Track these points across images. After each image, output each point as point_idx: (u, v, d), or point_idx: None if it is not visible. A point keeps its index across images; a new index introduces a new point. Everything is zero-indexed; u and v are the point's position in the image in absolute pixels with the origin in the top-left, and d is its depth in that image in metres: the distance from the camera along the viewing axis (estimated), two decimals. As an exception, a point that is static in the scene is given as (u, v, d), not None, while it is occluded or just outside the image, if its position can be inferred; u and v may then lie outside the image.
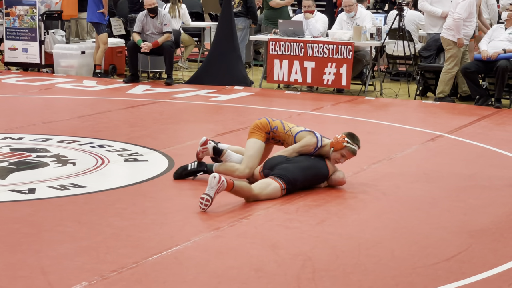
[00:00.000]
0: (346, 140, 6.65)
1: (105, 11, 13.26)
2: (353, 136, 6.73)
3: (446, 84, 11.60)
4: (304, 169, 6.56)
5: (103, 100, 11.33)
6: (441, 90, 11.63)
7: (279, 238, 5.44)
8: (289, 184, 6.40)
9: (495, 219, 6.02)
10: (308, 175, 6.58)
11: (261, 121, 6.88)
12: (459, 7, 11.37)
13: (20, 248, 5.09)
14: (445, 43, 11.62)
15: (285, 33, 12.54)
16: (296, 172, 6.49)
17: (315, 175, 6.65)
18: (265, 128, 6.82)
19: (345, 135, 6.70)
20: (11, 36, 14.06)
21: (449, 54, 11.54)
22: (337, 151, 6.66)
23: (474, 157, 8.17)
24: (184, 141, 8.50)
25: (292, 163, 6.56)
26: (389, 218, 6.01)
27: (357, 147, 6.74)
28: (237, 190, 6.14)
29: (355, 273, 4.82)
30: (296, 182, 6.46)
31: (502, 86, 11.18)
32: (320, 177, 6.69)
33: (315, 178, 6.67)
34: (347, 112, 10.93)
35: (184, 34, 14.70)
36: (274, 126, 6.84)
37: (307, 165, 6.60)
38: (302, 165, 6.58)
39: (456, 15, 11.36)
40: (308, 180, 6.60)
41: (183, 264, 4.89)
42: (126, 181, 6.93)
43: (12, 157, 7.52)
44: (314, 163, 6.66)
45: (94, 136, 8.58)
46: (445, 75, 11.58)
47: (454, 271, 4.88)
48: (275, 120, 6.92)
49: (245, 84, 12.85)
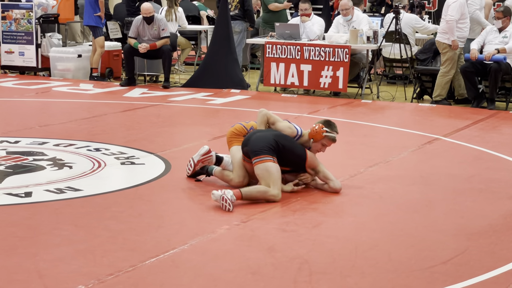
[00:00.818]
0: (324, 129, 6.62)
1: (102, 15, 13.26)
2: (330, 124, 6.69)
3: (443, 87, 11.62)
4: (278, 136, 6.51)
5: (99, 103, 11.32)
6: (438, 93, 11.65)
7: (276, 241, 5.44)
8: (271, 152, 6.37)
9: (492, 222, 6.02)
10: (283, 142, 6.47)
11: (235, 127, 6.88)
12: (451, 9, 11.39)
13: (17, 251, 5.08)
14: (440, 46, 11.64)
15: (281, 36, 12.55)
16: (269, 136, 6.46)
17: (291, 148, 6.52)
18: (242, 132, 6.83)
19: (322, 124, 6.65)
20: (7, 40, 14.06)
21: (445, 57, 11.56)
22: (317, 141, 6.62)
23: (470, 160, 8.17)
24: (180, 144, 8.50)
25: (266, 131, 6.56)
26: (386, 221, 6.01)
27: (336, 133, 6.70)
28: (248, 197, 6.24)
29: (352, 276, 4.82)
30: (277, 146, 6.40)
31: (495, 87, 11.20)
32: (296, 155, 6.55)
33: (291, 152, 6.52)
34: (344, 115, 10.93)
35: (181, 37, 14.71)
36: (249, 127, 6.85)
37: (282, 135, 6.55)
38: (276, 133, 6.55)
39: (448, 17, 11.38)
40: (286, 149, 6.47)
41: (180, 267, 4.89)
42: (122, 185, 6.93)
43: (9, 161, 7.51)
44: (292, 140, 6.59)
45: (91, 140, 8.57)
46: (442, 78, 11.60)
47: (451, 274, 4.88)
48: (249, 122, 6.93)
49: (242, 87, 12.86)
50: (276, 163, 6.36)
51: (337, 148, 8.12)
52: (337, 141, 6.80)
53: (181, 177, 7.07)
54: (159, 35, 12.81)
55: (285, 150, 6.49)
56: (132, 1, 14.88)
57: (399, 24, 12.23)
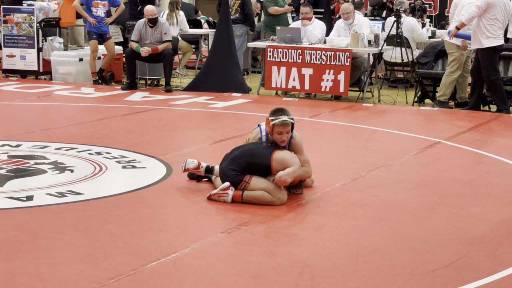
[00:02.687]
0: (270, 119, 6.47)
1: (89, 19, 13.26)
2: (274, 111, 6.51)
3: (447, 87, 11.61)
4: (236, 156, 6.47)
5: (101, 107, 11.33)
6: (442, 93, 11.64)
7: (277, 245, 5.43)
8: (242, 171, 6.37)
9: (493, 226, 6.01)
10: (243, 160, 6.41)
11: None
12: (465, 10, 11.32)
13: (18, 255, 5.08)
14: (448, 47, 11.64)
15: (283, 40, 12.56)
16: (229, 162, 6.46)
17: (252, 162, 6.41)
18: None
19: (268, 115, 6.52)
20: (9, 43, 14.08)
21: (452, 57, 11.56)
22: (271, 133, 6.51)
23: (472, 164, 8.17)
24: (182, 148, 8.50)
25: (236, 151, 6.56)
26: (387, 225, 6.00)
27: (283, 116, 6.43)
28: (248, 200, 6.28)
29: (354, 280, 4.81)
30: (241, 166, 6.38)
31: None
32: (256, 164, 6.40)
33: (253, 164, 6.41)
34: (345, 118, 10.94)
35: (182, 41, 14.72)
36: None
37: (239, 153, 6.50)
38: (234, 154, 6.51)
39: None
40: (249, 165, 6.40)
41: (181, 271, 4.89)
42: (124, 188, 6.93)
43: (10, 164, 7.51)
44: (256, 147, 6.50)
45: (92, 143, 8.58)
46: (447, 77, 11.59)
47: (453, 278, 4.88)
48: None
49: (243, 91, 12.86)
50: (253, 177, 6.36)
51: (338, 152, 8.14)
52: (338, 143, 6.80)
53: (183, 181, 7.08)
54: (161, 39, 12.83)
55: (248, 166, 6.41)
56: (134, 4, 14.89)
57: (400, 27, 12.23)
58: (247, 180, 6.32)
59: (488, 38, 11.04)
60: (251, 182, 6.32)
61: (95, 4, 13.39)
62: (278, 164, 6.34)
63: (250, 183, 6.32)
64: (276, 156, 6.38)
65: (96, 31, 13.39)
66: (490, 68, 11.09)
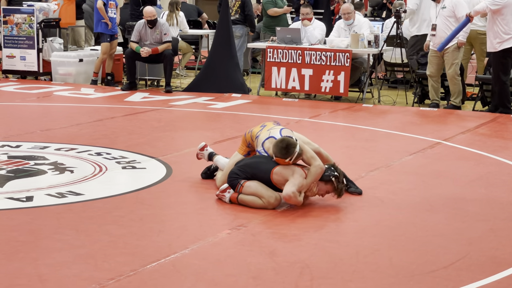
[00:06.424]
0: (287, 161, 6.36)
1: (107, 21, 13.24)
2: (283, 148, 6.31)
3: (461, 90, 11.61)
4: (240, 166, 6.51)
5: (101, 107, 11.33)
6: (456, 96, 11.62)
7: (277, 245, 5.44)
8: (243, 177, 6.40)
9: (493, 227, 6.01)
10: (246, 170, 6.43)
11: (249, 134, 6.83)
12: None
13: (18, 256, 5.08)
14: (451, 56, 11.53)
15: (283, 40, 12.56)
16: (247, 165, 6.49)
17: (256, 166, 6.43)
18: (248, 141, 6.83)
19: (278, 154, 6.32)
20: (9, 44, 14.07)
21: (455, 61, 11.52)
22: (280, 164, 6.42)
23: (472, 164, 8.17)
24: (182, 149, 8.50)
25: (249, 159, 6.65)
26: (387, 225, 6.01)
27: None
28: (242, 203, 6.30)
29: (353, 281, 4.82)
30: (247, 173, 6.41)
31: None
32: (259, 177, 6.39)
33: (256, 168, 6.41)
34: (345, 119, 10.94)
35: (182, 41, 14.72)
36: (255, 135, 6.74)
37: (243, 164, 6.52)
38: (239, 164, 6.55)
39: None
40: (253, 168, 6.42)
41: (181, 272, 4.89)
42: (124, 189, 6.93)
43: (10, 165, 7.52)
44: (262, 161, 6.47)
45: (92, 144, 8.58)
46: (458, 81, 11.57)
47: (452, 278, 4.88)
48: (263, 129, 6.77)
49: (243, 91, 12.86)
50: (247, 181, 6.35)
51: (338, 152, 8.13)
52: (338, 144, 6.81)
53: (183, 182, 7.08)
54: (161, 39, 12.83)
55: (252, 177, 6.40)
56: (136, 5, 14.87)
57: (400, 28, 12.23)
58: (241, 183, 6.35)
59: (501, 42, 11.03)
60: (244, 185, 6.34)
61: (110, 5, 13.40)
62: (278, 176, 6.31)
63: (244, 186, 6.34)
64: (276, 169, 6.34)
65: (110, 33, 13.38)
66: (502, 71, 11.11)
